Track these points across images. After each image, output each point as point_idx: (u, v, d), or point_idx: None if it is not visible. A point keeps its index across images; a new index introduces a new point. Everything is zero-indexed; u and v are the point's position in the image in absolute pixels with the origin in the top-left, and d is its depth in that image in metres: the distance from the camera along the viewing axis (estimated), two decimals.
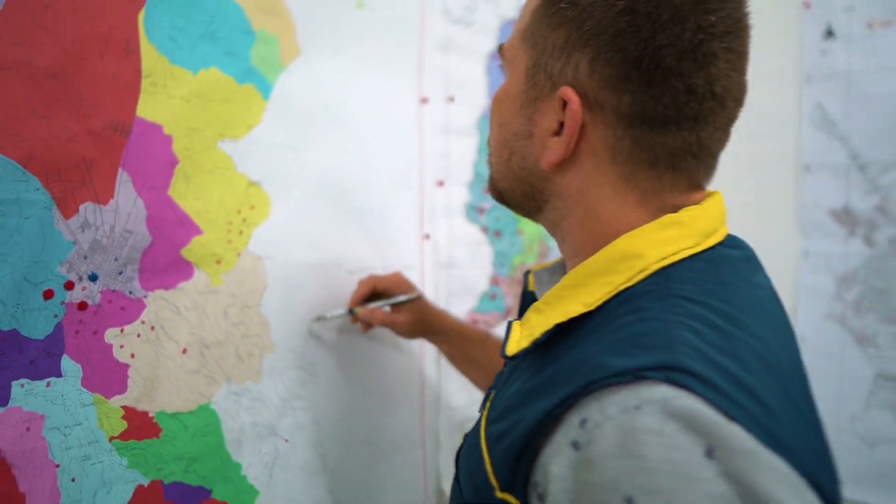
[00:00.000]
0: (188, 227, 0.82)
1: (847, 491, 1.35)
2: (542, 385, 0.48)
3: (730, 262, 0.53)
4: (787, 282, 1.55)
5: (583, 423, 0.42)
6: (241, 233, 0.87)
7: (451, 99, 1.17)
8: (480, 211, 1.25)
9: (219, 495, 0.85)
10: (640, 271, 0.50)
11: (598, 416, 0.41)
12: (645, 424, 0.39)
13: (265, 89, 0.90)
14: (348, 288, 1.00)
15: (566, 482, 0.41)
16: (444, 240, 1.18)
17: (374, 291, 1.00)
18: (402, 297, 0.99)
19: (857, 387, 1.47)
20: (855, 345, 1.48)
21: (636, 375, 0.41)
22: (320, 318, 0.96)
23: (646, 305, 0.48)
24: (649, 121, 0.52)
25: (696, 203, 0.55)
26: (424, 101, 1.12)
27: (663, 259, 0.51)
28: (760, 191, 1.59)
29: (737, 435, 0.38)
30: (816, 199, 1.52)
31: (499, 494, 0.48)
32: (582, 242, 0.57)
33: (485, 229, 1.27)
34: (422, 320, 1.01)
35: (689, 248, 0.52)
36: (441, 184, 1.16)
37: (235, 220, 0.86)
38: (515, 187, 0.61)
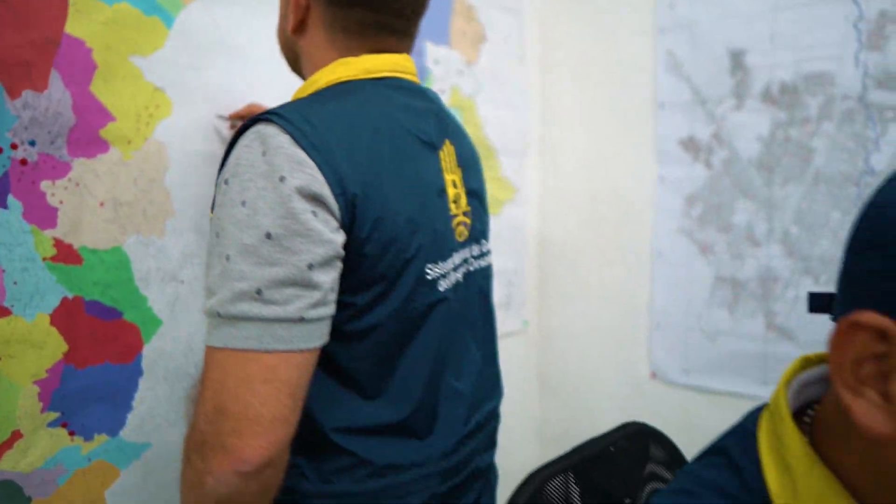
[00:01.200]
0: (105, 115, 1.12)
1: (694, 378, 1.62)
2: None
3: (373, 84, 0.84)
4: (647, 204, 1.82)
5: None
6: (147, 123, 1.18)
7: None
8: None
9: (129, 318, 1.16)
10: (315, 88, 0.82)
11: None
12: (246, 141, 0.73)
13: (168, 21, 1.20)
14: None
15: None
16: None
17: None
18: None
19: (701, 289, 1.74)
20: (699, 254, 1.75)
21: (262, 118, 0.74)
22: (220, 117, 1.27)
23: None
24: (339, 1, 0.82)
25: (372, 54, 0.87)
26: None
27: (329, 82, 0.82)
28: (624, 126, 1.87)
29: (281, 141, 0.71)
30: (669, 132, 1.79)
31: None
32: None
33: None
34: None
35: (349, 76, 0.82)
36: None
37: (143, 114, 1.17)
38: (287, 53, 0.93)
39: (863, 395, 0.42)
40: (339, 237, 0.74)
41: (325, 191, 0.72)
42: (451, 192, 0.90)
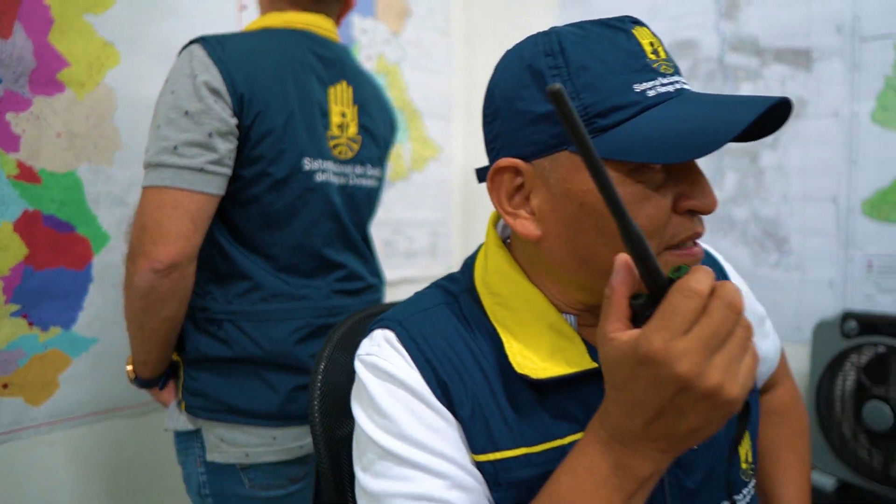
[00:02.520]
0: (61, 61, 1.35)
1: None
2: None
3: (287, 31, 1.13)
4: None
5: None
6: (98, 71, 1.40)
7: None
8: None
9: (81, 232, 1.38)
10: (248, 28, 1.10)
11: None
12: (182, 54, 0.97)
13: None
14: None
15: None
16: None
17: None
18: None
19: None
20: None
21: (194, 41, 1.00)
22: None
23: None
24: None
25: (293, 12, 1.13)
26: (243, 7, 1.66)
27: (258, 26, 1.11)
28: None
29: (200, 54, 1.03)
30: None
31: None
32: None
33: None
34: None
35: (272, 25, 1.10)
36: None
37: (95, 63, 1.39)
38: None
39: (518, 216, 0.65)
40: (233, 120, 1.06)
41: (222, 87, 1.05)
42: (336, 118, 1.18)
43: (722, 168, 1.79)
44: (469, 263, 0.75)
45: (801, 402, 1.02)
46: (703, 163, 1.81)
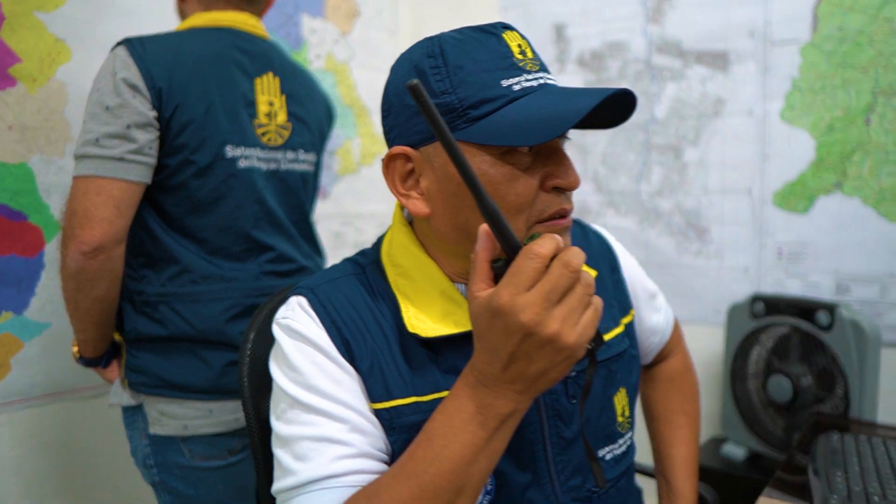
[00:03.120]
0: (12, 57, 1.41)
1: None
2: None
3: (213, 29, 1.19)
4: None
5: None
6: (49, 66, 1.46)
7: None
8: None
9: (33, 221, 1.44)
10: (177, 29, 1.16)
11: None
12: (109, 56, 1.07)
13: None
14: None
15: None
16: None
17: None
18: None
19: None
20: None
21: (120, 43, 1.06)
22: None
23: None
24: None
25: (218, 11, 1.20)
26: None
27: (185, 26, 1.17)
28: None
29: (122, 54, 1.08)
30: None
31: None
32: None
33: None
34: None
35: (199, 24, 1.17)
36: None
37: (46, 59, 1.46)
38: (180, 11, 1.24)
39: (410, 197, 0.75)
40: (151, 112, 1.14)
41: (140, 83, 1.13)
42: (263, 107, 1.26)
43: (649, 163, 1.91)
44: (378, 241, 0.85)
45: (692, 370, 1.13)
46: (631, 158, 1.93)
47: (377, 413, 0.72)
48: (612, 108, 0.71)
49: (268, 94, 1.26)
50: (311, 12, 2.04)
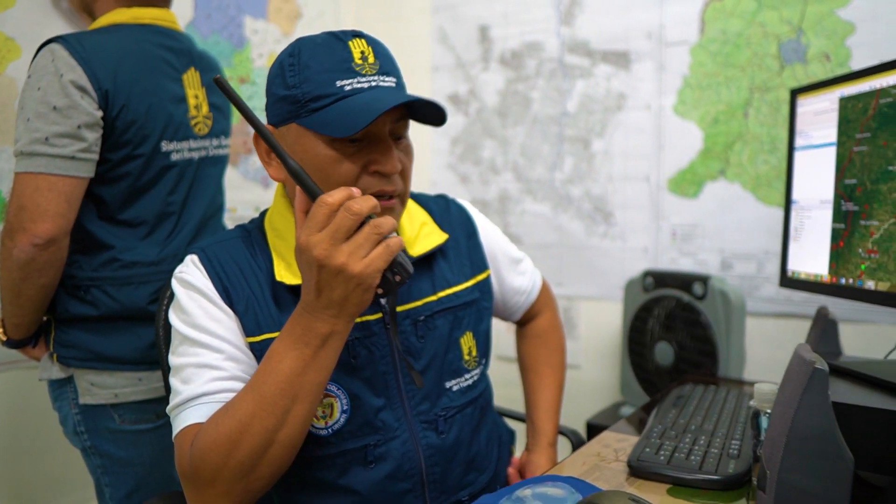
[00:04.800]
0: None
1: None
2: None
3: (136, 26, 1.32)
4: (425, 145, 2.34)
5: None
6: (1, 62, 1.61)
7: None
8: None
9: None
10: (98, 26, 1.30)
11: None
12: (42, 52, 1.20)
13: None
14: None
15: None
16: None
17: None
18: None
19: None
20: (460, 182, 2.28)
21: (53, 40, 1.21)
22: None
23: None
24: None
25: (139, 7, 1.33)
26: None
27: (107, 23, 1.29)
28: (411, 85, 2.37)
29: (62, 54, 1.18)
30: (440, 89, 2.31)
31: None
32: None
33: None
34: None
35: (121, 21, 1.30)
36: None
37: None
38: (80, 6, 1.38)
39: (270, 165, 0.91)
40: (98, 113, 1.22)
41: (87, 84, 1.21)
42: (192, 101, 1.39)
43: (562, 154, 2.08)
44: (265, 210, 1.01)
45: (558, 328, 1.30)
46: (546, 149, 2.10)
47: (251, 346, 0.88)
48: (438, 109, 0.88)
49: (193, 89, 1.40)
50: (253, 14, 2.19)
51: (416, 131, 2.31)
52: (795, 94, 1.25)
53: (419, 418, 0.96)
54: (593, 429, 1.80)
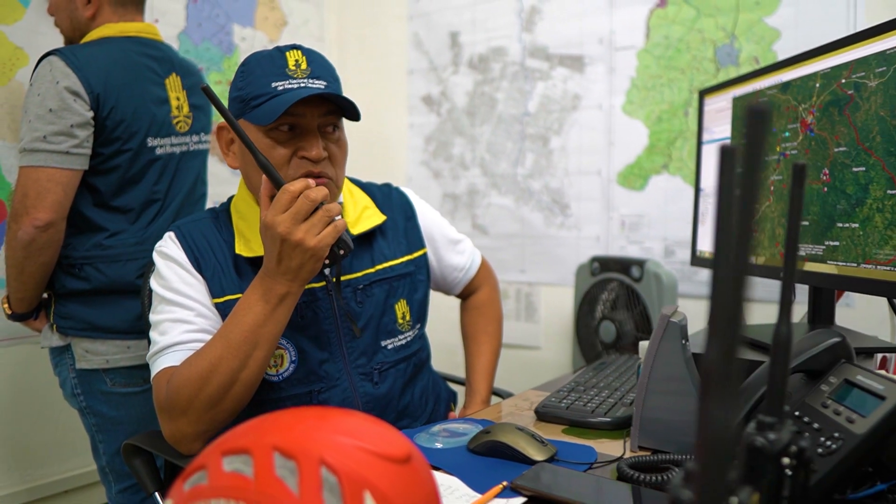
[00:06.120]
0: None
1: None
2: None
3: (124, 38, 1.50)
4: (402, 143, 2.52)
5: None
6: (10, 69, 1.80)
7: None
8: None
9: None
10: (89, 39, 1.48)
11: None
12: (43, 63, 1.39)
13: (25, 2, 1.83)
14: None
15: None
16: None
17: None
18: None
19: (435, 203, 2.44)
20: (433, 178, 2.46)
21: (51, 53, 1.39)
22: None
23: None
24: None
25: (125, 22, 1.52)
26: None
27: (98, 36, 1.48)
28: (388, 87, 2.56)
29: (59, 64, 1.38)
30: (415, 91, 2.49)
31: None
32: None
33: None
34: None
35: (110, 34, 1.48)
36: None
37: (7, 63, 1.79)
38: (66, 23, 1.56)
39: (229, 155, 1.10)
40: (89, 113, 1.42)
41: (81, 89, 1.40)
42: (174, 102, 1.58)
43: (524, 150, 2.26)
44: (232, 196, 1.20)
45: (496, 302, 1.48)
46: (510, 146, 2.28)
47: (217, 306, 1.07)
48: (351, 104, 1.06)
49: (175, 91, 1.59)
50: (241, 23, 2.38)
51: (397, 133, 2.50)
52: (703, 94, 1.42)
53: (357, 371, 1.14)
54: None
